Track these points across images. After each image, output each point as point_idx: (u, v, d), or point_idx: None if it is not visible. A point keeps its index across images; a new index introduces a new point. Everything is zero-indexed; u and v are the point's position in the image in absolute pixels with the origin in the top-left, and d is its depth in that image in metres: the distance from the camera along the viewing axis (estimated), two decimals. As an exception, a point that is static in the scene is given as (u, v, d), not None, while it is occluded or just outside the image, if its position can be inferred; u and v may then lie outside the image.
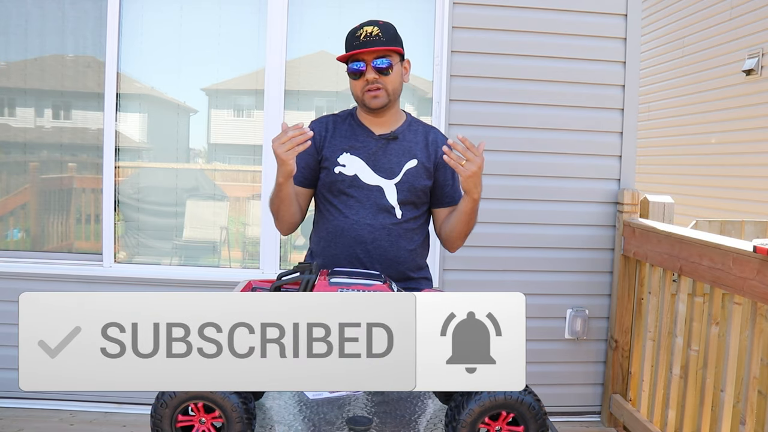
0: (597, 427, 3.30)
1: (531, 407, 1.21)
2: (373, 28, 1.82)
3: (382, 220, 1.85)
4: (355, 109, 1.97)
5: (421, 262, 1.99)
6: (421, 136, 1.94)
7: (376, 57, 1.81)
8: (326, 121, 1.95)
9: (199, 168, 3.38)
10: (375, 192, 1.86)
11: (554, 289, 3.29)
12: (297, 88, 3.26)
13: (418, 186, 1.89)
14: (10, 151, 3.30)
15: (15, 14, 3.20)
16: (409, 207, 1.89)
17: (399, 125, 1.93)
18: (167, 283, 3.20)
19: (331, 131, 1.92)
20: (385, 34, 1.82)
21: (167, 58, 3.24)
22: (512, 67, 3.22)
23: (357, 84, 1.85)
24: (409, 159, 1.89)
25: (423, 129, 1.97)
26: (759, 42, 5.16)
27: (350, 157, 1.87)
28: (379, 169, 1.87)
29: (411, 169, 1.88)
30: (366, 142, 1.89)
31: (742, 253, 2.21)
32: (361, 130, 1.91)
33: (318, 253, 1.94)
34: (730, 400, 2.30)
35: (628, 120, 3.28)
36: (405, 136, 1.92)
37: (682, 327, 2.64)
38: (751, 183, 5.20)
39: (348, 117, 1.96)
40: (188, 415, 1.21)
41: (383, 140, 1.89)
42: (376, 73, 1.81)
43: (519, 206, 3.27)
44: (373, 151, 1.88)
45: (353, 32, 1.85)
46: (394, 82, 1.86)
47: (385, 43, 1.81)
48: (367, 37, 1.80)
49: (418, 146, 1.92)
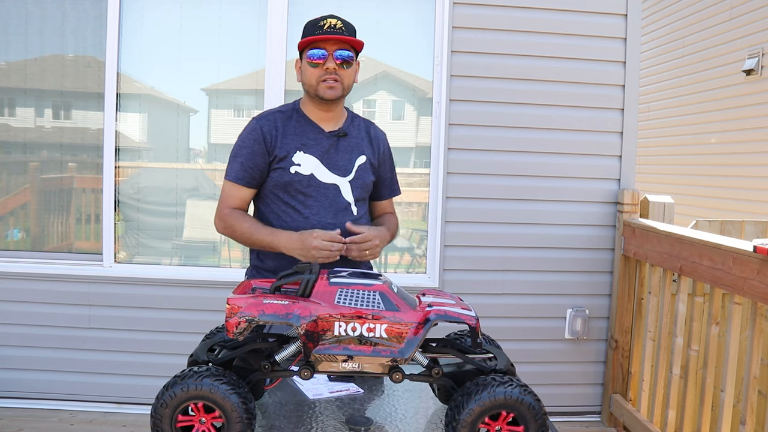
0: (597, 427, 3.30)
1: (531, 407, 1.21)
2: (337, 21, 1.84)
3: (342, 219, 1.86)
4: (298, 103, 1.94)
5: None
6: (364, 131, 1.97)
7: (339, 48, 1.82)
8: (274, 119, 1.90)
9: (199, 168, 3.37)
10: (332, 190, 1.87)
11: (554, 289, 3.29)
12: (297, 88, 3.25)
13: (368, 182, 1.93)
14: (10, 151, 3.30)
15: (15, 14, 3.20)
16: (361, 203, 1.93)
17: (344, 121, 1.95)
18: (167, 283, 3.20)
19: (281, 129, 1.88)
20: (347, 29, 1.84)
21: (167, 57, 3.24)
22: (512, 67, 3.22)
23: (314, 72, 1.83)
24: (358, 155, 1.92)
25: (364, 124, 2.00)
26: (759, 42, 5.16)
27: (304, 155, 1.85)
28: (333, 166, 1.87)
29: (361, 165, 1.91)
30: (318, 139, 1.89)
31: (742, 253, 2.21)
32: (311, 127, 1.90)
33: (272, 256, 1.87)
34: (730, 400, 2.30)
35: (628, 120, 3.28)
36: (352, 132, 1.94)
37: (682, 327, 2.64)
38: (751, 183, 5.20)
39: (293, 113, 1.92)
40: (188, 415, 1.21)
41: (334, 137, 1.89)
42: (336, 64, 1.81)
43: (519, 206, 3.27)
44: (326, 148, 1.88)
45: (315, 22, 1.85)
46: (350, 78, 1.87)
47: (350, 36, 1.83)
48: (330, 28, 1.81)
49: (363, 142, 1.95)
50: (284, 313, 1.22)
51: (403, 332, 1.23)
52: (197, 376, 1.19)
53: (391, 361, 1.24)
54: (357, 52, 1.88)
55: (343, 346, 1.23)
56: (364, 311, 1.22)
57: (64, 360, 3.19)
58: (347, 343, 1.23)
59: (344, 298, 1.25)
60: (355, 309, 1.22)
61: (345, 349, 1.23)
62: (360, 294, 1.26)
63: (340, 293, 1.26)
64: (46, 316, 3.16)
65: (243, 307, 1.22)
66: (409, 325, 1.23)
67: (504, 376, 1.25)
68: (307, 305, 1.22)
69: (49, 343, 3.18)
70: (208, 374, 1.20)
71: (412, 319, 1.23)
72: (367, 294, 1.26)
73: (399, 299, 1.26)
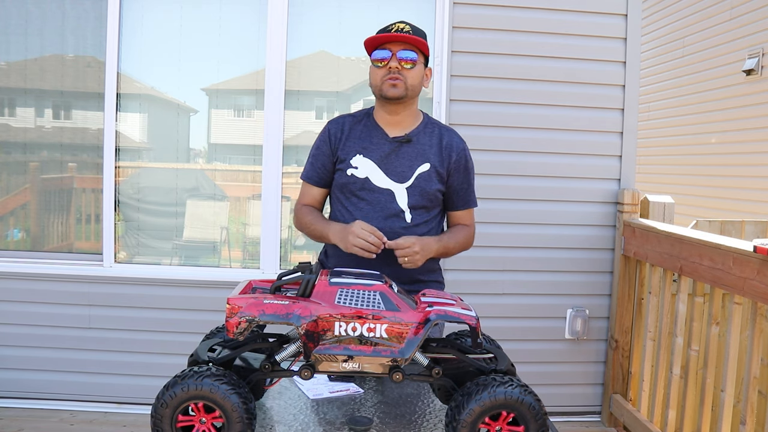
0: (597, 427, 3.30)
1: (531, 407, 1.21)
2: (405, 25, 1.86)
3: (392, 224, 1.85)
4: (372, 110, 1.97)
5: (433, 266, 1.99)
6: (436, 139, 1.93)
7: (403, 48, 1.83)
8: (343, 122, 1.95)
9: (199, 168, 3.37)
10: (386, 195, 1.86)
11: (554, 289, 3.29)
12: (297, 88, 3.25)
13: (430, 190, 1.89)
14: (10, 151, 3.29)
15: (15, 14, 3.20)
16: (420, 211, 1.89)
17: (415, 127, 1.93)
18: (167, 283, 3.20)
19: (347, 132, 1.92)
20: (414, 32, 1.86)
21: (167, 57, 3.24)
22: (512, 67, 3.22)
23: (378, 72, 1.85)
24: (421, 163, 1.89)
25: (438, 132, 1.95)
26: (759, 42, 5.16)
27: (362, 159, 1.87)
28: (391, 172, 1.87)
29: (423, 173, 1.88)
30: (379, 144, 1.89)
31: (742, 253, 2.21)
32: (376, 131, 1.91)
33: (332, 253, 1.95)
34: (731, 400, 2.30)
35: (628, 120, 3.28)
36: (419, 139, 1.91)
37: (682, 327, 2.64)
38: (751, 183, 5.20)
39: (364, 117, 1.96)
40: (188, 415, 1.21)
41: (396, 143, 1.89)
42: (399, 63, 1.82)
43: (519, 206, 3.27)
44: (386, 153, 1.88)
45: (386, 27, 1.88)
46: (415, 78, 1.86)
47: (414, 35, 1.84)
48: (398, 31, 1.84)
49: (432, 150, 1.91)
50: (284, 313, 1.22)
51: (403, 332, 1.23)
52: (197, 376, 1.19)
53: (391, 361, 1.24)
54: (426, 56, 1.90)
55: (344, 346, 1.23)
56: (364, 311, 1.22)
57: (64, 360, 3.19)
58: (347, 343, 1.23)
59: (344, 298, 1.25)
60: (355, 309, 1.22)
61: (345, 349, 1.23)
62: (360, 294, 1.26)
63: (341, 293, 1.26)
64: (46, 316, 3.16)
65: (243, 307, 1.22)
66: (410, 325, 1.23)
67: (504, 376, 1.25)
68: (307, 305, 1.22)
69: (49, 343, 3.18)
70: (209, 374, 1.20)
71: (413, 319, 1.23)
72: (367, 294, 1.26)
73: (399, 299, 1.26)
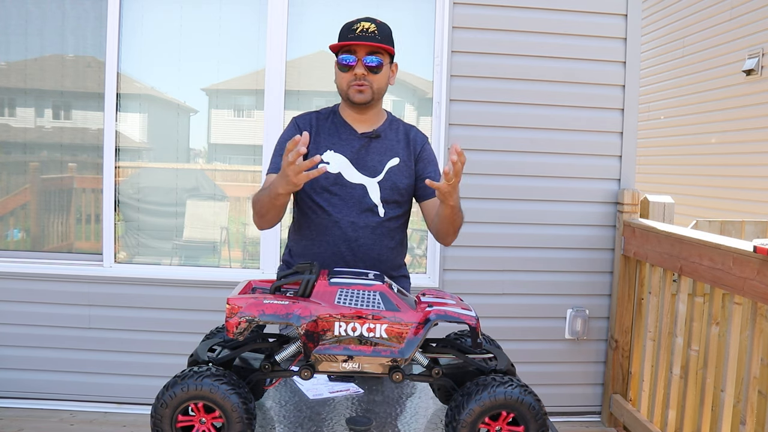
0: (597, 427, 3.30)
1: (531, 407, 1.21)
2: (370, 24, 1.83)
3: (366, 219, 1.86)
4: (337, 107, 1.98)
5: (401, 261, 2.01)
6: (402, 134, 1.96)
7: (368, 53, 1.82)
8: (310, 118, 1.95)
9: (199, 168, 3.37)
10: (358, 190, 1.87)
11: (554, 289, 3.29)
12: (297, 88, 3.26)
13: (401, 184, 1.90)
14: (10, 151, 3.29)
15: (15, 14, 3.20)
16: (392, 205, 1.90)
17: (381, 123, 1.95)
18: (167, 283, 3.20)
19: (315, 128, 1.92)
20: (380, 32, 1.83)
21: (167, 58, 3.24)
22: (512, 67, 3.22)
23: (344, 77, 1.86)
24: (391, 157, 1.91)
25: (404, 127, 1.99)
26: (759, 42, 5.16)
27: (334, 154, 1.87)
28: (363, 167, 1.88)
29: (393, 167, 1.90)
30: (349, 139, 1.90)
31: (742, 253, 2.21)
32: (344, 128, 1.92)
33: (298, 253, 1.93)
34: (731, 400, 2.30)
35: (628, 120, 3.28)
36: (387, 135, 1.94)
37: (682, 327, 2.64)
38: (751, 183, 5.20)
39: (330, 114, 1.96)
40: (188, 415, 1.21)
41: (366, 138, 1.90)
42: (365, 69, 1.82)
43: (519, 206, 3.27)
44: (357, 149, 1.89)
45: (349, 25, 1.86)
46: (381, 82, 1.87)
47: (379, 41, 1.81)
48: (363, 32, 1.82)
49: (399, 144, 1.93)
50: (284, 313, 1.22)
51: (403, 332, 1.23)
52: (197, 376, 1.19)
53: (391, 361, 1.24)
54: (391, 55, 1.89)
55: (344, 346, 1.23)
56: (364, 311, 1.22)
57: (64, 360, 3.19)
58: (347, 343, 1.23)
59: (344, 298, 1.25)
60: (355, 309, 1.22)
61: (345, 349, 1.23)
62: (360, 294, 1.26)
63: (341, 293, 1.26)
64: (45, 316, 3.16)
65: (243, 307, 1.22)
66: (409, 325, 1.23)
67: (504, 376, 1.25)
68: (307, 305, 1.22)
69: (49, 343, 3.18)
70: (209, 374, 1.20)
71: (412, 319, 1.23)
72: (367, 294, 1.26)
73: (399, 299, 1.26)
